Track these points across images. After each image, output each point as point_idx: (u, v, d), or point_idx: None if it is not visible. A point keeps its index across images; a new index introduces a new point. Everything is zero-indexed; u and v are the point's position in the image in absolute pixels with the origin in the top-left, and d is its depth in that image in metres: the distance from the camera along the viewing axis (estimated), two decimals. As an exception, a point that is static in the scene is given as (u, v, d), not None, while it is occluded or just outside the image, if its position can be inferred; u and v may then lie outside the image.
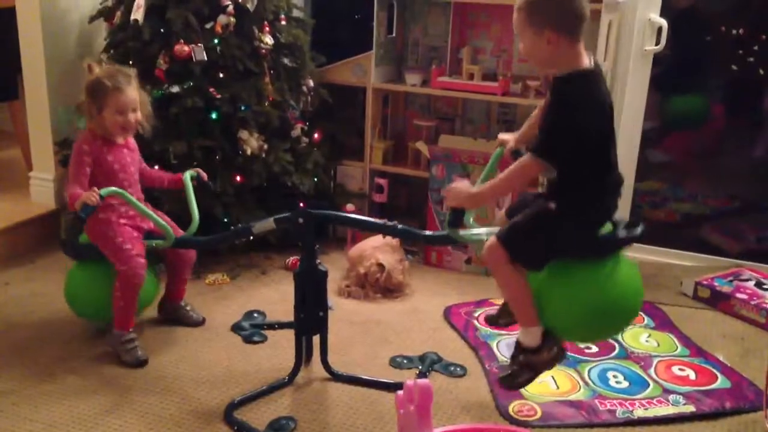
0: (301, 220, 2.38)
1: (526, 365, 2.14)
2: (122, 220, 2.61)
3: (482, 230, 2.26)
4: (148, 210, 2.59)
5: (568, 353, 2.64)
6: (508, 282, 2.10)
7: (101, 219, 2.56)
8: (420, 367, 2.59)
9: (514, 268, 2.05)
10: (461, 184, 2.11)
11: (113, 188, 2.50)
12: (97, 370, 2.53)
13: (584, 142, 1.92)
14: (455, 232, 2.23)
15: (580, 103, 1.92)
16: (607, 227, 2.10)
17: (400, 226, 2.39)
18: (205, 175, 2.80)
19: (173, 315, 2.85)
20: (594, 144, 1.93)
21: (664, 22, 3.33)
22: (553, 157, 1.94)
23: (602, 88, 1.98)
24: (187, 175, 2.74)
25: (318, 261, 2.42)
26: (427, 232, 2.47)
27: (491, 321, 2.46)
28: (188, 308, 2.87)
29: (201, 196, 2.79)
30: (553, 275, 2.08)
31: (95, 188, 2.43)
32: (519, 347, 2.15)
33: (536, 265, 2.07)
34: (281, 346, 2.68)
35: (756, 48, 3.52)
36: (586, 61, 1.96)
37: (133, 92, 2.56)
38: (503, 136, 2.35)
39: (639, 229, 2.12)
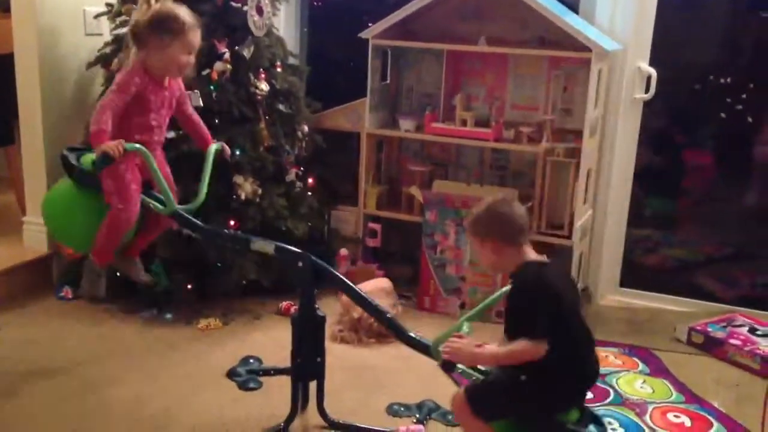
0: (300, 264, 2.37)
1: None
2: (133, 163, 2.55)
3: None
4: (161, 174, 2.53)
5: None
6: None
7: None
8: (417, 415, 2.57)
9: (481, 424, 2.05)
10: (465, 345, 2.08)
11: (138, 146, 2.43)
12: (86, 416, 2.50)
13: (544, 318, 1.93)
14: (438, 353, 2.18)
15: (531, 284, 1.99)
16: (574, 416, 2.02)
17: (391, 318, 2.39)
18: (228, 152, 2.78)
19: (125, 266, 2.77)
20: (553, 323, 1.93)
21: (653, 71, 3.40)
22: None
23: (551, 274, 2.02)
24: (213, 148, 2.69)
25: (317, 306, 2.41)
26: (415, 337, 2.32)
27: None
28: (139, 265, 2.79)
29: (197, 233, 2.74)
30: None
31: (122, 141, 2.36)
32: None
33: (494, 419, 2.05)
34: (276, 393, 2.65)
35: (744, 96, 3.58)
36: (533, 257, 2.06)
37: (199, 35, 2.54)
38: None
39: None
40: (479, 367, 2.18)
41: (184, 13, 2.50)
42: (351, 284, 2.46)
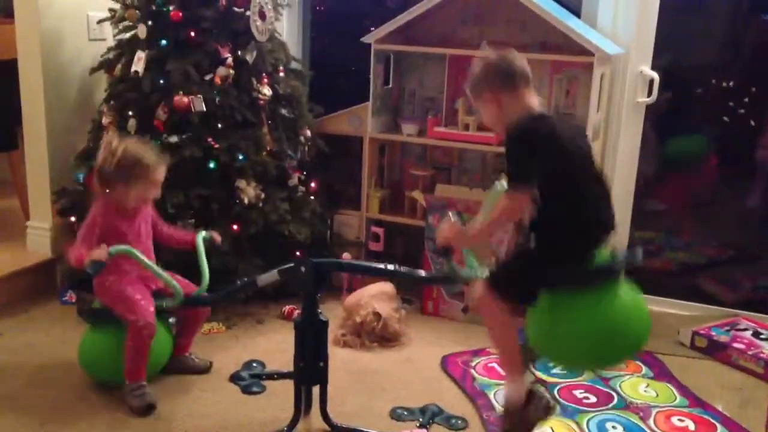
0: (303, 269, 2.38)
1: (520, 422, 2.13)
2: (133, 277, 2.64)
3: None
4: (158, 268, 2.60)
5: (567, 404, 2.64)
6: (496, 326, 2.11)
7: (112, 280, 2.60)
8: (421, 420, 2.57)
9: (504, 314, 2.07)
10: (450, 224, 2.17)
11: (123, 246, 2.51)
12: (89, 421, 2.50)
13: (542, 166, 1.95)
14: (452, 267, 2.26)
15: (527, 132, 2.00)
16: (605, 256, 2.09)
17: (402, 269, 2.46)
18: (218, 239, 2.83)
19: (179, 366, 2.82)
20: (553, 173, 1.95)
21: (655, 75, 3.40)
22: (526, 182, 1.96)
23: (550, 123, 2.05)
24: (200, 237, 2.75)
25: (319, 311, 2.42)
26: (427, 273, 2.51)
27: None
28: (193, 357, 2.86)
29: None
30: (551, 308, 2.07)
31: (104, 245, 2.46)
32: (508, 406, 2.15)
33: (524, 299, 2.07)
34: (279, 397, 2.65)
35: (746, 100, 3.58)
36: (535, 107, 2.07)
37: (164, 169, 2.62)
38: None
39: (633, 255, 2.12)
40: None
41: (147, 154, 2.58)
42: (355, 261, 2.49)
